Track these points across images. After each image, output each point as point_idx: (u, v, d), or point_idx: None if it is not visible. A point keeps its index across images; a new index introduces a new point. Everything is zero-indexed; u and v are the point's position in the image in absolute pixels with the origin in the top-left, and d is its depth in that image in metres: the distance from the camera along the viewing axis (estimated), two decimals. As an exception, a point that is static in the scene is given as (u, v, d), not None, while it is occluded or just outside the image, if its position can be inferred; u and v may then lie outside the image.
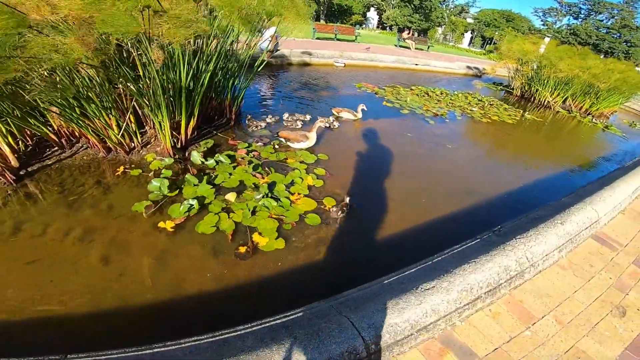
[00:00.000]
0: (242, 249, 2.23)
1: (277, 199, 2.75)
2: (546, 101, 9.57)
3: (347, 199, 2.88)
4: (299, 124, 4.42)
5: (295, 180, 3.07)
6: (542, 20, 49.28)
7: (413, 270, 1.99)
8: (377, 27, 42.11)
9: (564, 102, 9.64)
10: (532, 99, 9.89)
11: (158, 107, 2.98)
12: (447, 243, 2.41)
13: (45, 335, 1.64)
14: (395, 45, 18.17)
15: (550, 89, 9.45)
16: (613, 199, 3.22)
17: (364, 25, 39.95)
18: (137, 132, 3.22)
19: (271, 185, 2.93)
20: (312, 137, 3.66)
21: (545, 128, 7.37)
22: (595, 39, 41.57)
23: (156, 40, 2.73)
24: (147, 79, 2.87)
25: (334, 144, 4.02)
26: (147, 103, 2.97)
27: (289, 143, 3.68)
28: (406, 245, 2.58)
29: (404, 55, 12.52)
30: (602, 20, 44.48)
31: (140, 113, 3.28)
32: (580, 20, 46.50)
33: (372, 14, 42.01)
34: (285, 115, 4.49)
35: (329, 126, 4.53)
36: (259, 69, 4.11)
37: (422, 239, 2.67)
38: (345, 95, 6.45)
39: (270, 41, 7.28)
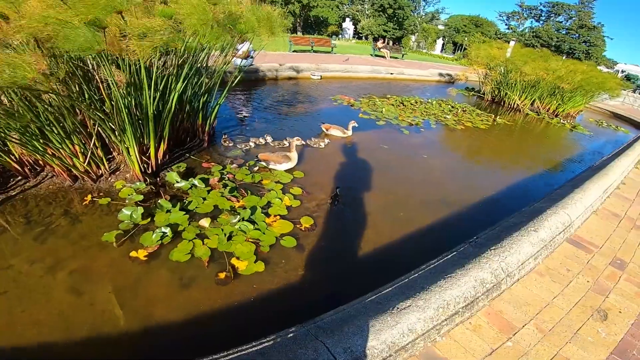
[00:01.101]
0: (222, 275, 2.17)
1: (253, 222, 2.68)
2: (515, 104, 9.92)
3: (337, 190, 3.20)
4: (286, 144, 4.33)
5: (273, 202, 3.01)
6: (506, 24, 51.58)
7: (389, 289, 1.96)
8: (353, 37, 43.02)
9: (532, 104, 10.01)
10: (503, 102, 10.24)
11: (124, 132, 2.88)
12: (425, 256, 2.41)
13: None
14: (371, 55, 18.56)
15: (518, 93, 9.81)
16: (584, 200, 3.29)
17: (340, 36, 40.73)
18: (104, 158, 3.10)
19: (247, 209, 2.85)
20: (294, 157, 3.60)
21: (517, 132, 7.62)
22: (557, 40, 43.79)
23: (117, 59, 2.66)
24: (110, 102, 2.78)
25: (310, 161, 3.98)
26: (112, 128, 2.87)
27: (270, 165, 3.58)
28: (384, 262, 2.55)
29: (379, 65, 12.78)
30: (561, 22, 46.91)
31: (106, 138, 3.16)
32: (541, 22, 48.87)
33: (348, 25, 42.95)
34: (269, 139, 4.36)
35: (307, 144, 4.38)
36: (232, 86, 4.05)
37: (400, 254, 2.66)
38: (322, 108, 6.46)
39: (245, 55, 7.26)
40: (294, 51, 14.86)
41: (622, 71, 32.67)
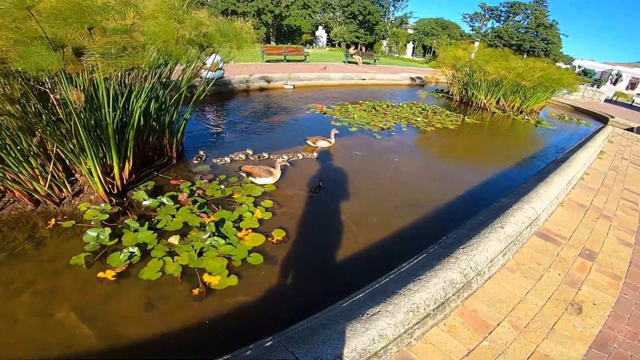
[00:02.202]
0: (195, 291, 2.16)
1: (224, 237, 2.64)
2: (482, 103, 10.26)
3: (320, 182, 3.54)
4: (266, 156, 4.26)
5: (244, 215, 2.96)
6: (470, 26, 53.57)
7: (361, 295, 1.96)
8: (327, 44, 43.57)
9: (497, 102, 10.38)
10: (470, 102, 10.56)
11: (84, 153, 2.78)
12: (398, 260, 2.42)
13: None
14: (344, 62, 18.77)
15: (484, 92, 10.16)
16: (549, 193, 3.39)
17: (314, 44, 41.14)
18: (66, 181, 2.97)
19: (218, 224, 2.80)
20: (277, 174, 3.52)
21: (485, 130, 7.89)
22: (517, 39, 45.82)
23: (72, 78, 2.57)
24: (68, 122, 2.66)
25: (282, 173, 3.90)
26: (71, 149, 2.75)
27: (251, 178, 3.50)
28: (358, 268, 2.55)
29: (352, 72, 12.95)
30: (519, 21, 49.23)
31: (67, 160, 3.04)
32: (502, 22, 51.08)
33: (321, 32, 43.51)
34: (249, 152, 4.27)
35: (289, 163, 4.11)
36: (198, 100, 3.97)
37: (374, 259, 2.66)
38: (295, 118, 6.43)
39: (214, 67, 7.17)
40: (267, 61, 14.84)
41: (579, 66, 34.48)
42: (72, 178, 3.14)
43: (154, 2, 2.81)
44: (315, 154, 4.53)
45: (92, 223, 2.71)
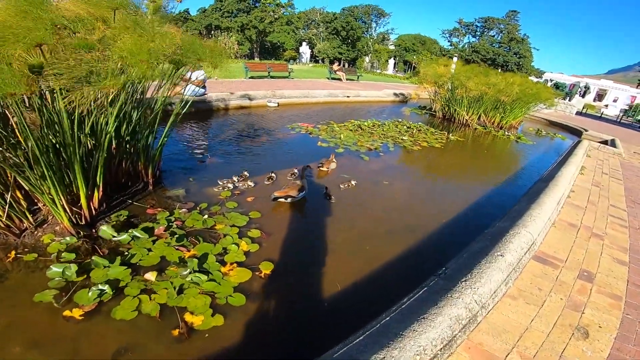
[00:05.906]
0: (175, 332, 1.96)
1: (207, 273, 2.42)
2: (464, 120, 10.43)
3: (326, 189, 3.95)
4: (273, 176, 4.24)
5: (229, 248, 2.73)
6: (448, 41, 55.88)
7: (361, 337, 1.77)
8: (311, 60, 44.24)
9: (478, 118, 10.57)
10: (453, 119, 10.71)
11: (44, 180, 2.51)
12: (396, 292, 2.28)
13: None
14: (328, 78, 18.93)
15: (465, 108, 10.34)
16: (542, 215, 3.33)
17: (297, 60, 41.64)
18: (27, 211, 2.70)
19: (199, 258, 2.58)
20: (305, 183, 3.69)
21: (469, 148, 7.93)
22: (492, 54, 48.05)
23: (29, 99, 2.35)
24: (26, 146, 2.41)
25: (266, 198, 3.66)
26: (30, 177, 2.49)
27: (290, 199, 3.50)
28: (354, 303, 2.37)
29: (336, 89, 13.02)
30: (493, 36, 51.84)
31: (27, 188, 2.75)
32: (477, 37, 53.63)
33: (305, 49, 44.16)
34: (246, 174, 4.13)
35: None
36: (178, 119, 3.73)
37: (370, 293, 2.48)
38: (280, 139, 6.24)
39: (199, 83, 7.00)
40: (250, 77, 14.73)
41: (551, 80, 36.18)
42: (35, 207, 2.86)
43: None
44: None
45: (53, 257, 2.46)
